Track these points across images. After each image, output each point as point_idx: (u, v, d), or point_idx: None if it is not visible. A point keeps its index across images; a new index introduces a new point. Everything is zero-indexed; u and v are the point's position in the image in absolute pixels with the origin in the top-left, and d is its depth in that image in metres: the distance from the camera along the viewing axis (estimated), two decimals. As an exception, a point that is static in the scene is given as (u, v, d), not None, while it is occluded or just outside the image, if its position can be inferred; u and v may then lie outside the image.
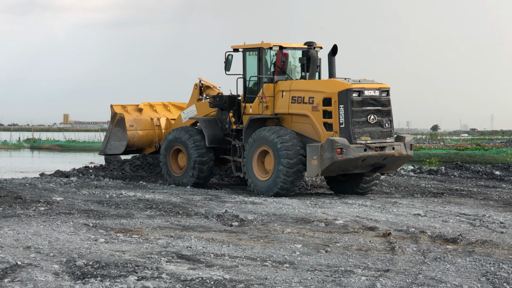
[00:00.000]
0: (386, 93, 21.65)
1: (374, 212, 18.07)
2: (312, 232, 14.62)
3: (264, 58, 22.93)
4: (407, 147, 21.88)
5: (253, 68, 23.24)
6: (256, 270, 10.90)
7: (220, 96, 24.02)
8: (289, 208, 18.54)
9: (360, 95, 21.12)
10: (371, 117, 21.23)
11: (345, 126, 20.97)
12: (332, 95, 21.23)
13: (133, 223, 15.41)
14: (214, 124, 24.28)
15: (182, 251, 12.23)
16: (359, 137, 21.05)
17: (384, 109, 21.57)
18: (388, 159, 21.61)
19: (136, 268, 10.68)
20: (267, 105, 22.77)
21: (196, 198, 20.42)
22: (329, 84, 21.66)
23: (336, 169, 21.11)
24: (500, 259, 12.01)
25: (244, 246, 12.87)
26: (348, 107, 20.92)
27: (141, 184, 24.73)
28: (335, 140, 20.53)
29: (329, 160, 20.53)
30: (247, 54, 23.43)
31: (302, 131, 22.00)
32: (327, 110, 21.34)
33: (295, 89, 22.31)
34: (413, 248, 12.99)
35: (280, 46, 22.85)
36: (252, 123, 22.84)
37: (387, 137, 21.63)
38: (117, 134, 26.37)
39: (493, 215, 17.88)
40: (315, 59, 22.72)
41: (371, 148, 21.01)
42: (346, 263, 11.60)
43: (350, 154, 20.62)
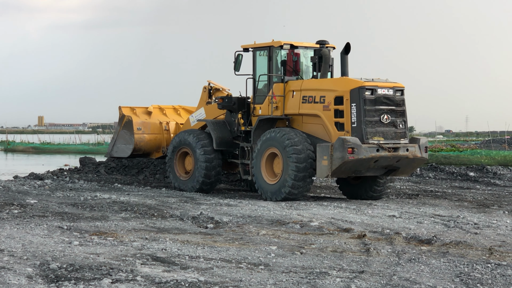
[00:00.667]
0: (400, 93, 20.86)
1: (349, 214, 18.10)
2: (287, 234, 14.62)
3: (275, 57, 22.28)
4: (422, 149, 20.99)
5: (263, 68, 22.58)
6: (231, 272, 10.88)
7: (229, 98, 23.35)
8: (264, 210, 18.53)
9: (373, 94, 20.36)
10: (384, 117, 20.45)
11: (357, 125, 20.23)
12: (344, 93, 20.49)
13: (108, 226, 15.34)
14: (223, 126, 23.60)
15: (157, 253, 12.18)
16: (372, 137, 20.28)
17: (398, 109, 20.78)
18: (402, 161, 20.82)
19: (111, 271, 10.62)
20: (277, 105, 22.09)
21: (171, 200, 20.37)
22: (341, 82, 20.94)
23: (347, 170, 20.41)
24: (474, 260, 12.07)
25: (219, 248, 12.85)
26: (360, 105, 20.17)
27: (116, 186, 24.64)
28: (346, 139, 19.82)
29: (339, 160, 19.84)
30: (257, 54, 22.76)
31: (312, 132, 21.34)
32: (338, 109, 20.62)
33: (306, 88, 21.61)
34: (388, 249, 13.02)
35: (291, 45, 22.21)
36: (261, 123, 22.20)
37: (401, 138, 20.76)
38: (124, 137, 25.77)
39: (467, 216, 17.97)
40: (327, 58, 22.04)
41: (384, 149, 20.26)
42: (321, 264, 11.60)
43: (361, 154, 19.90)
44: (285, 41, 22.07)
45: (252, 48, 22.84)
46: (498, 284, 10.41)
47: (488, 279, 10.74)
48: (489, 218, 17.80)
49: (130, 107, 26.27)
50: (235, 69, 22.73)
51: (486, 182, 28.40)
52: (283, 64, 22.33)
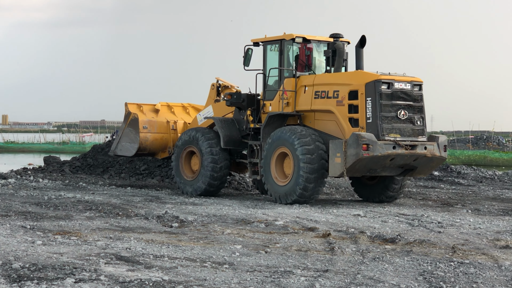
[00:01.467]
0: (418, 87, 19.80)
1: (314, 213, 18.14)
2: (252, 233, 14.62)
3: (286, 51, 21.22)
4: (440, 148, 19.94)
5: (274, 62, 21.52)
6: (195, 271, 10.86)
7: (238, 94, 22.24)
8: (230, 209, 18.52)
9: (390, 88, 19.30)
10: (401, 113, 19.39)
11: (373, 121, 19.17)
12: (358, 87, 19.45)
13: (72, 225, 15.25)
14: (231, 124, 22.41)
15: (121, 253, 12.13)
16: (388, 133, 19.23)
17: (416, 105, 19.70)
18: (419, 160, 19.73)
19: (74, 270, 10.55)
20: (288, 101, 20.99)
21: (136, 199, 20.30)
22: (356, 76, 19.88)
23: (362, 168, 19.32)
24: (437, 259, 12.15)
25: (184, 247, 12.82)
26: (376, 100, 19.12)
27: (80, 185, 24.50)
28: (361, 135, 18.78)
29: (354, 157, 18.78)
30: (268, 48, 21.72)
31: (325, 129, 20.28)
32: (353, 104, 19.55)
33: (318, 83, 20.52)
34: (352, 248, 13.07)
35: (303, 38, 21.16)
36: (271, 120, 21.05)
37: (418, 136, 19.70)
38: (129, 135, 24.59)
39: (431, 215, 18.09)
40: (341, 52, 20.90)
41: (400, 146, 19.16)
42: (285, 263, 11.61)
43: (377, 151, 18.82)
44: (297, 34, 21.06)
45: (263, 42, 21.85)
46: (461, 282, 10.49)
47: (451, 277, 10.81)
48: (453, 217, 17.94)
49: (137, 104, 25.12)
50: (244, 64, 21.75)
51: (450, 181, 28.63)
52: (295, 59, 21.37)
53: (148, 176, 27.59)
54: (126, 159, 28.71)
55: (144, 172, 28.02)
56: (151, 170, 27.99)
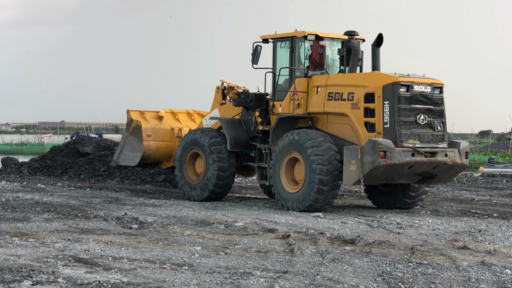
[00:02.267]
0: (439, 90, 18.67)
1: (274, 214, 18.15)
2: (211, 234, 14.59)
3: (298, 49, 20.03)
4: (462, 155, 18.75)
5: (285, 61, 20.33)
6: (154, 273, 10.81)
7: (246, 93, 21.06)
8: (189, 210, 18.48)
9: (409, 91, 18.16)
10: (420, 117, 18.25)
11: (390, 126, 18.04)
12: (375, 89, 18.30)
13: (30, 227, 15.10)
14: (238, 125, 21.26)
15: (80, 255, 12.03)
16: (406, 139, 18.09)
17: (437, 109, 18.58)
18: (440, 167, 18.60)
19: (31, 273, 10.45)
20: (299, 102, 19.80)
21: (96, 201, 20.16)
22: (373, 77, 18.72)
23: (378, 176, 18.16)
24: (396, 259, 12.22)
25: (143, 248, 12.76)
26: (394, 104, 17.99)
27: (39, 187, 24.28)
28: (378, 141, 17.63)
29: (370, 164, 17.62)
30: (278, 45, 20.51)
31: (339, 133, 19.11)
32: (369, 108, 18.40)
33: (332, 84, 19.33)
34: (312, 249, 13.09)
35: (316, 36, 19.94)
36: (281, 123, 19.85)
37: (438, 142, 18.58)
38: (132, 144, 23.38)
39: (390, 216, 18.19)
40: (357, 50, 19.75)
41: (419, 153, 18.02)
42: (245, 265, 11.60)
43: (395, 159, 17.69)
44: (309, 31, 19.89)
45: (273, 39, 20.64)
46: (419, 283, 10.55)
47: (409, 278, 10.88)
48: (412, 218, 18.06)
49: (140, 111, 23.98)
50: (253, 62, 20.66)
51: (409, 183, 28.76)
52: (307, 57, 20.16)
53: (107, 178, 27.43)
54: (86, 160, 28.51)
55: (104, 173, 27.85)
56: (111, 172, 27.82)
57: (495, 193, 25.90)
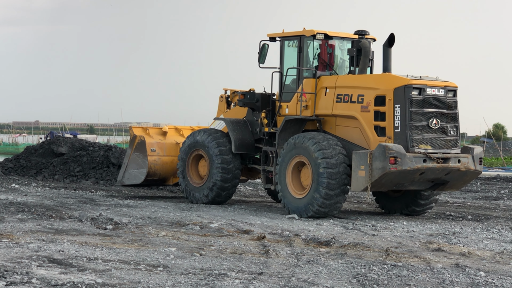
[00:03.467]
0: (452, 94, 18.06)
1: (249, 216, 18.15)
2: (187, 236, 14.57)
3: (306, 48, 19.35)
4: (475, 161, 18.13)
5: (292, 60, 19.66)
6: (129, 273, 10.77)
7: (252, 94, 20.35)
8: (164, 211, 18.44)
9: (421, 94, 17.55)
10: (433, 122, 17.65)
11: (401, 130, 17.43)
12: (386, 92, 17.67)
13: (3, 227, 15.00)
14: (244, 126, 20.62)
15: (54, 255, 11.97)
16: (418, 145, 17.47)
17: (450, 113, 17.96)
18: (452, 174, 17.98)
19: (5, 273, 10.38)
20: (307, 104, 19.12)
21: (70, 201, 20.08)
22: (384, 79, 18.08)
23: (388, 182, 17.63)
24: (371, 261, 12.25)
25: (118, 249, 12.71)
26: (406, 107, 17.38)
27: (13, 187, 24.13)
28: (388, 146, 16.99)
29: (380, 171, 17.04)
30: (286, 44, 19.84)
31: (347, 137, 18.48)
32: (379, 111, 17.79)
33: (341, 85, 18.67)
34: (287, 251, 13.10)
35: (325, 35, 19.27)
36: (287, 125, 19.24)
37: (451, 147, 17.96)
38: (136, 161, 22.63)
39: (365, 218, 18.25)
40: (367, 51, 19.01)
41: (431, 159, 17.39)
42: (220, 266, 11.59)
43: (406, 165, 17.08)
44: (318, 30, 19.20)
45: (280, 38, 19.96)
46: (394, 285, 10.59)
47: (384, 279, 10.91)
48: (387, 220, 18.12)
49: (143, 128, 23.53)
50: (259, 61, 19.95)
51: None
52: (316, 57, 19.55)
53: (82, 178, 27.32)
54: (60, 161, 28.37)
55: (79, 174, 27.73)
56: (86, 172, 27.71)
57: (470, 196, 26.07)
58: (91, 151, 28.91)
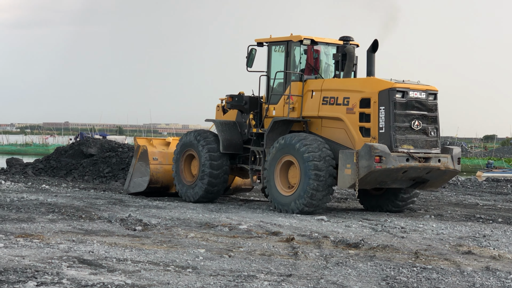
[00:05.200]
0: (433, 97, 19.02)
1: (278, 217, 18.14)
2: (215, 237, 14.59)
3: (293, 52, 20.29)
4: (454, 161, 19.15)
5: (279, 64, 20.61)
6: (158, 275, 10.81)
7: (240, 96, 21.32)
8: (193, 212, 18.48)
9: (404, 97, 18.47)
10: (415, 123, 18.57)
11: (386, 131, 18.36)
12: (371, 95, 18.59)
13: (34, 228, 15.11)
14: (233, 127, 21.51)
15: (84, 256, 12.04)
16: (401, 145, 18.41)
17: (431, 115, 18.93)
18: (432, 173, 18.95)
19: (36, 274, 10.46)
20: (294, 106, 20.05)
21: (100, 202, 20.18)
22: (369, 83, 19.00)
23: (373, 180, 18.53)
24: (400, 264, 12.21)
25: (147, 250, 12.76)
26: (390, 109, 18.29)
27: (43, 187, 24.29)
28: (373, 146, 17.94)
29: (365, 169, 17.95)
30: (273, 49, 20.79)
31: (333, 138, 19.40)
32: (364, 113, 18.70)
33: (327, 88, 19.62)
34: (316, 253, 13.09)
35: (311, 40, 20.22)
36: (275, 126, 20.10)
37: (432, 147, 18.92)
38: (140, 169, 23.38)
39: (394, 220, 18.18)
40: (352, 56, 20.04)
41: (414, 159, 18.34)
42: (249, 268, 11.60)
43: (390, 164, 18.02)
44: (305, 36, 20.19)
45: (267, 43, 20.93)
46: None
47: (413, 282, 10.87)
48: (416, 222, 18.04)
49: (147, 138, 24.44)
50: (247, 65, 20.81)
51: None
52: (302, 61, 20.44)
53: (111, 179, 27.46)
54: (90, 162, 28.54)
55: (108, 174, 27.89)
56: (115, 173, 27.86)
57: (500, 198, 25.89)
58: (120, 152, 29.08)
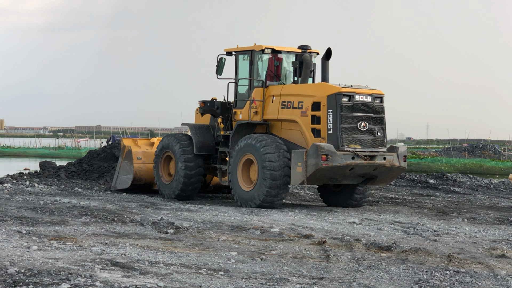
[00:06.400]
0: (379, 100, 20.56)
1: (309, 220, 18.13)
2: (247, 240, 14.61)
3: (256, 61, 21.98)
4: (400, 158, 20.69)
5: (245, 72, 22.30)
6: (190, 277, 10.85)
7: (212, 102, 22.87)
8: (225, 215, 18.51)
9: (351, 100, 20.06)
10: (361, 124, 20.15)
11: (333, 132, 19.97)
12: (321, 99, 20.27)
13: (67, 230, 15.22)
14: (206, 131, 23.16)
15: (117, 259, 12.11)
16: (348, 144, 20.00)
17: (377, 117, 20.48)
18: (379, 170, 20.52)
19: (69, 276, 10.54)
20: (257, 110, 21.81)
21: (132, 205, 20.28)
22: (319, 88, 20.71)
23: (322, 177, 20.17)
24: (433, 267, 12.15)
25: (179, 253, 12.80)
26: (337, 112, 19.90)
27: (76, 190, 24.46)
28: (320, 145, 19.58)
29: (313, 167, 19.59)
30: (240, 58, 22.47)
31: (291, 138, 21.07)
32: (315, 115, 20.39)
33: (285, 93, 21.36)
34: (348, 256, 13.06)
35: (272, 49, 21.93)
36: (239, 128, 21.86)
37: (378, 147, 20.50)
38: (125, 168, 25.19)
39: (426, 223, 18.09)
40: (308, 63, 21.57)
41: (359, 157, 19.94)
42: (281, 271, 11.60)
43: (336, 162, 19.62)
44: (266, 45, 21.81)
45: (235, 52, 22.55)
46: (456, 291, 10.49)
47: (446, 286, 10.81)
48: (448, 225, 17.94)
49: (132, 139, 26.35)
50: (217, 72, 22.37)
51: (446, 190, 28.63)
52: (265, 69, 22.03)
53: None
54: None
55: (140, 177, 27.95)
56: (147, 176, 27.91)
57: (533, 201, 25.63)
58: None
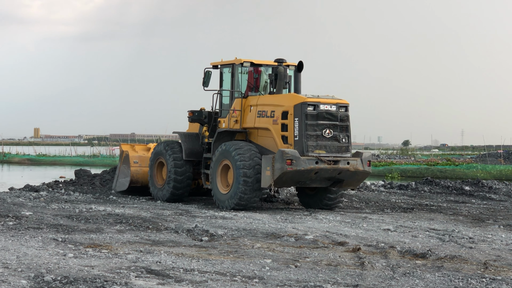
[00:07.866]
0: (344, 109, 21.94)
1: (344, 227, 18.09)
2: (282, 247, 14.61)
3: (237, 73, 23.56)
4: (364, 163, 22.04)
5: (228, 84, 23.88)
6: (225, 285, 10.87)
7: (199, 112, 24.44)
8: (259, 223, 18.52)
9: (315, 109, 21.54)
10: (326, 131, 21.58)
11: (299, 139, 21.46)
12: (289, 108, 21.80)
13: (103, 238, 15.31)
14: (195, 138, 24.90)
15: (152, 266, 12.16)
16: (313, 150, 21.45)
17: (342, 124, 21.86)
18: (344, 173, 21.85)
19: (105, 283, 10.60)
20: (237, 119, 23.42)
21: (166, 213, 20.36)
22: (288, 98, 22.24)
23: (289, 180, 21.55)
24: (469, 275, 12.07)
25: (214, 261, 12.83)
26: (302, 120, 21.40)
27: (111, 198, 24.61)
28: (285, 151, 21.03)
29: (279, 170, 21.02)
30: (225, 71, 24.04)
31: (265, 145, 22.62)
32: (284, 123, 21.93)
33: (261, 103, 22.91)
34: (383, 263, 13.02)
35: (251, 63, 23.49)
36: (220, 136, 23.46)
37: (343, 152, 21.86)
38: (124, 171, 26.92)
39: (462, 231, 17.97)
40: (282, 75, 23.10)
41: (323, 161, 21.34)
42: (315, 278, 11.59)
43: (300, 166, 21.05)
44: (245, 59, 23.39)
45: (220, 65, 24.20)
46: (493, 299, 10.41)
47: (482, 293, 10.74)
48: (484, 232, 17.81)
49: (130, 144, 28.28)
50: (204, 84, 23.94)
51: (482, 196, 28.42)
52: (244, 81, 23.73)
53: (178, 190, 27.59)
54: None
55: (174, 185, 28.04)
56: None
57: None
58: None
